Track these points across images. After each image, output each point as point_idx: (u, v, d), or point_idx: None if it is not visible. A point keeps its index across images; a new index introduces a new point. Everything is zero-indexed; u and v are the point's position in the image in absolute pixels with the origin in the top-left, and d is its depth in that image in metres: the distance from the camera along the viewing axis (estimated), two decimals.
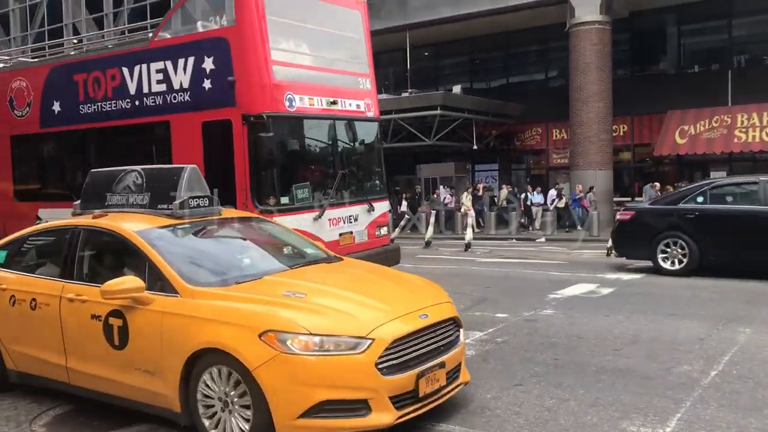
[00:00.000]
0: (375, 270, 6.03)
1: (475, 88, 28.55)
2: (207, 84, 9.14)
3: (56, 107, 11.18)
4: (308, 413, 4.31)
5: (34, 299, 5.69)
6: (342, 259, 6.09)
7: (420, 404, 4.64)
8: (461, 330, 5.22)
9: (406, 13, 24.31)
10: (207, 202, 6.00)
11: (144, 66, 9.86)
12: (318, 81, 9.56)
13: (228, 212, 6.28)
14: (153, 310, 4.92)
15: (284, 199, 8.78)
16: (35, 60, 12.25)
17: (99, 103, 10.51)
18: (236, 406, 4.53)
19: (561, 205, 22.66)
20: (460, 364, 5.14)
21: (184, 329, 4.73)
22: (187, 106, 9.37)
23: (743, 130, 22.20)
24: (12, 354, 5.93)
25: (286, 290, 4.85)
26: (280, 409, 4.32)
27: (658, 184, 21.25)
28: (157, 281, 5.04)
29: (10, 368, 5.98)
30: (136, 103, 9.97)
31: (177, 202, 5.78)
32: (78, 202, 6.51)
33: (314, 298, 4.81)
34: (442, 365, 4.82)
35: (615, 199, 23.15)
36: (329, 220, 9.29)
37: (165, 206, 5.85)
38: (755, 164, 23.15)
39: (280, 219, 8.13)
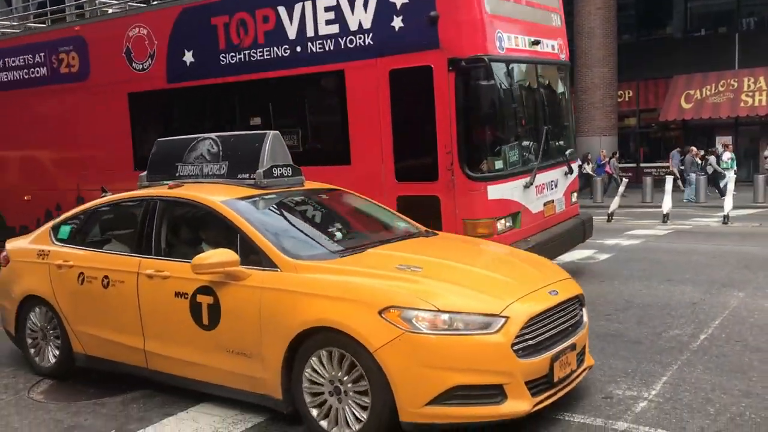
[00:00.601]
0: (484, 244, 5.55)
1: None
2: (397, 22, 7.34)
3: (188, 58, 9.15)
4: (438, 400, 3.82)
5: (106, 276, 5.22)
6: (437, 233, 5.60)
7: (554, 390, 4.16)
8: (584, 308, 4.73)
9: None
10: (290, 171, 5.52)
11: (308, 3, 8.01)
12: (518, 15, 7.89)
13: (310, 183, 5.79)
14: (249, 286, 4.44)
15: (498, 163, 7.29)
16: (159, 2, 10.18)
17: (246, 52, 8.55)
18: (350, 393, 4.05)
19: (589, 170, 21.73)
20: (585, 346, 4.65)
21: (288, 306, 4.25)
22: (367, 52, 7.56)
23: (750, 94, 21.94)
24: (80, 336, 5.48)
25: (398, 264, 4.37)
26: (406, 395, 3.84)
27: (694, 149, 20.41)
28: (251, 254, 4.57)
29: (78, 351, 5.53)
30: (298, 49, 8.08)
31: (260, 171, 5.30)
32: (144, 173, 6.04)
33: (432, 272, 4.31)
34: (573, 347, 4.33)
35: (620, 165, 22.78)
36: (536, 187, 7.78)
37: (246, 176, 5.37)
38: (762, 128, 22.85)
39: (493, 187, 7.03)
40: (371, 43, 7.55)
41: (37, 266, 5.75)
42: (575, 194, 9.02)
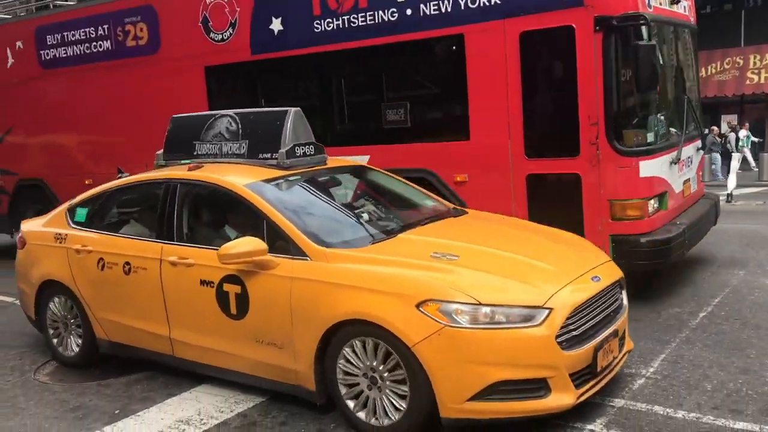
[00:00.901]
0: (516, 224, 5.36)
1: None
2: None
3: (276, 26, 8.13)
4: (480, 395, 3.69)
5: (127, 263, 5.07)
6: (466, 212, 5.41)
7: (597, 380, 4.03)
8: (624, 291, 4.57)
9: None
10: (313, 149, 5.30)
11: None
12: None
13: (333, 160, 5.58)
14: (278, 275, 4.28)
15: (649, 136, 6.46)
16: None
17: (345, 17, 7.56)
18: (387, 382, 3.93)
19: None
20: (625, 330, 4.51)
21: (320, 297, 4.10)
22: (491, 13, 6.68)
23: (756, 71, 21.48)
24: (102, 323, 5.36)
25: (433, 251, 4.19)
26: (447, 390, 3.72)
27: (716, 128, 20.08)
28: (278, 241, 4.39)
29: (101, 338, 5.42)
30: (408, 12, 7.14)
31: (283, 150, 5.09)
32: (160, 152, 5.84)
33: (470, 260, 4.14)
34: (615, 334, 4.19)
35: None
36: (678, 163, 6.93)
37: (268, 155, 5.16)
38: None
39: (645, 163, 6.24)
40: (497, 2, 6.67)
41: (54, 250, 5.60)
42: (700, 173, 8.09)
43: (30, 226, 6.11)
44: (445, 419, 3.78)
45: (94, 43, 9.71)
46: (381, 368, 3.93)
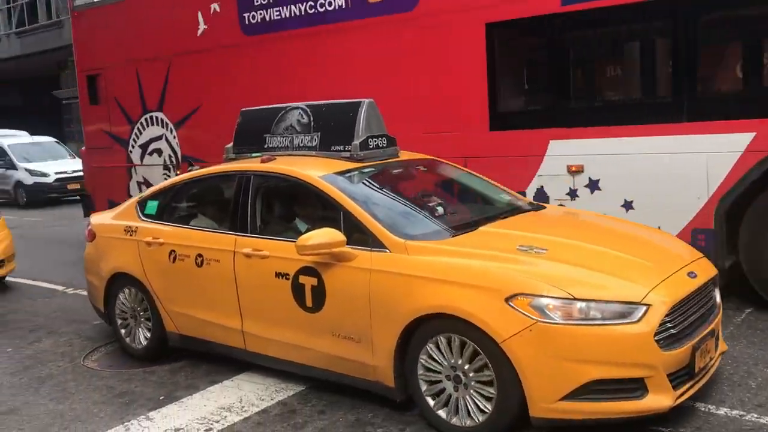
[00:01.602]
0: (602, 218, 5.15)
1: None
2: None
3: None
4: (573, 394, 3.52)
5: (200, 255, 5.03)
6: (545, 207, 5.23)
7: (693, 381, 3.81)
8: (717, 289, 4.34)
9: None
10: (386, 141, 5.20)
11: None
12: None
13: (406, 153, 5.47)
14: (357, 267, 4.17)
15: None
16: None
17: None
18: (472, 383, 3.78)
19: None
20: (719, 330, 4.28)
21: (401, 290, 3.97)
22: None
23: None
24: (173, 315, 5.33)
25: (519, 244, 4.03)
26: (538, 388, 3.55)
27: None
28: (355, 233, 4.29)
29: (171, 331, 5.39)
30: None
31: (356, 142, 4.99)
32: (229, 145, 5.80)
33: (559, 253, 3.96)
34: (712, 333, 3.97)
35: None
36: None
37: (341, 148, 5.07)
38: None
39: None
40: None
41: (125, 243, 5.61)
42: None
43: (100, 218, 6.14)
44: (536, 419, 3.61)
45: (322, 1, 7.84)
46: (466, 367, 3.77)
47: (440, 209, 4.80)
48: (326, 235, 4.20)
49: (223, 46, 8.77)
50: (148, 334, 5.55)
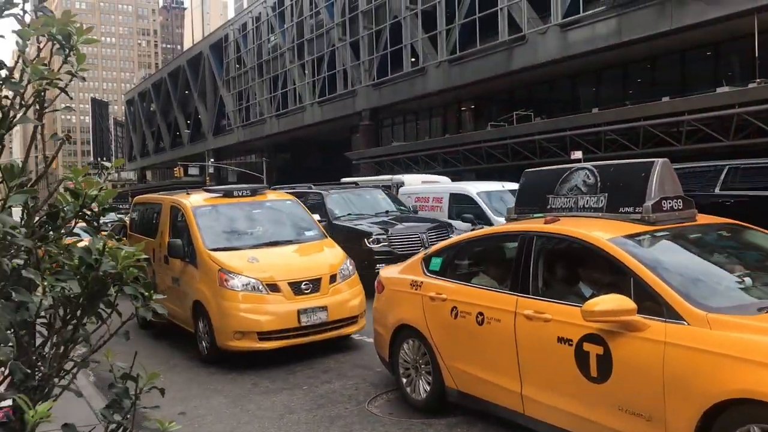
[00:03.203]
0: None
1: None
2: None
3: None
4: None
5: (480, 313, 5.10)
6: None
7: None
8: None
9: None
10: (681, 203, 4.83)
11: None
12: None
13: (704, 217, 5.03)
14: (648, 339, 3.88)
15: None
16: None
17: None
18: None
19: None
20: None
21: (702, 368, 3.59)
22: None
23: None
24: (452, 371, 5.44)
25: None
26: None
27: None
28: (646, 301, 4.01)
29: (450, 387, 5.50)
30: None
31: (648, 204, 4.71)
32: (511, 206, 5.86)
33: None
34: None
35: None
36: None
37: (630, 209, 4.82)
38: None
39: None
40: None
41: (410, 296, 5.90)
42: None
43: (388, 272, 6.56)
44: None
45: None
46: None
47: (747, 280, 4.30)
48: (615, 302, 3.98)
49: None
50: (428, 387, 5.72)
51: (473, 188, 14.80)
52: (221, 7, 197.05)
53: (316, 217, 10.20)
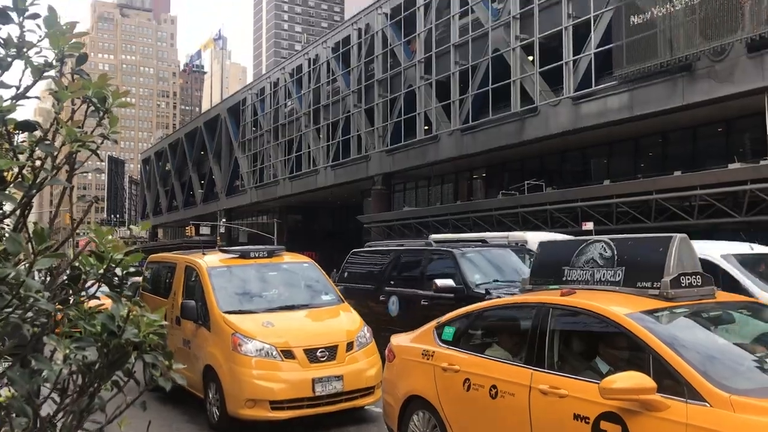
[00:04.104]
0: None
1: None
2: None
3: None
4: None
5: (494, 386, 4.99)
6: None
7: None
8: None
9: (764, 74, 20.60)
10: (700, 280, 4.77)
11: None
12: None
13: (724, 294, 4.96)
14: (669, 420, 3.77)
15: None
16: None
17: None
18: None
19: None
20: None
21: None
22: None
23: None
24: None
25: None
26: None
27: None
28: (666, 380, 3.91)
29: None
30: None
31: (666, 279, 4.66)
32: (526, 277, 5.81)
33: None
34: None
35: None
36: None
37: (648, 284, 4.77)
38: None
39: None
40: None
41: (421, 366, 5.79)
42: None
43: (400, 340, 6.46)
44: None
45: None
46: None
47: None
48: (633, 380, 3.89)
49: None
50: None
51: (715, 249, 8.95)
52: (240, 72, 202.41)
53: (449, 282, 9.24)
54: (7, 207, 1.76)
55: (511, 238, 14.76)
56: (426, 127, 34.82)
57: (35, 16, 1.73)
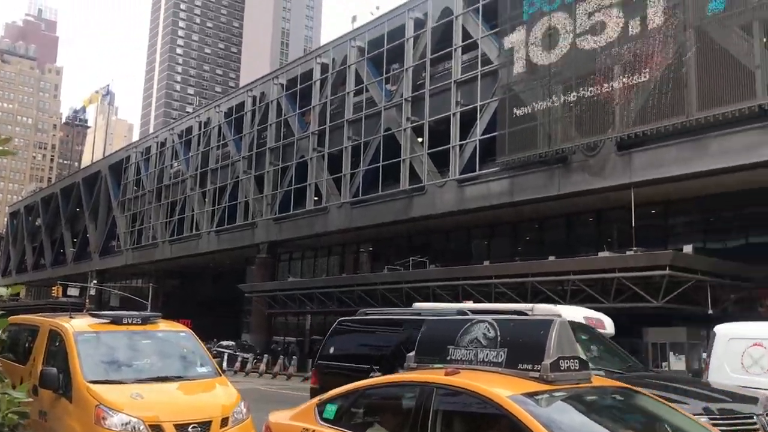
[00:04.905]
0: None
1: (710, 248, 24.22)
2: None
3: None
4: None
5: None
6: None
7: None
8: None
9: (631, 171, 22.53)
10: (577, 364, 4.92)
11: None
12: None
13: (598, 379, 5.13)
14: None
15: None
16: None
17: None
18: None
19: None
20: None
21: None
22: None
23: None
24: None
25: None
26: None
27: None
28: None
29: None
30: None
31: (547, 363, 4.76)
32: (411, 354, 5.78)
33: None
34: None
35: None
36: None
37: (529, 366, 4.86)
38: None
39: None
40: None
41: None
42: None
43: (278, 417, 6.19)
44: None
45: None
46: None
47: None
48: None
49: None
50: None
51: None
52: (126, 129, 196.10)
53: None
54: None
55: (536, 311, 11.46)
56: (316, 198, 34.95)
57: None
